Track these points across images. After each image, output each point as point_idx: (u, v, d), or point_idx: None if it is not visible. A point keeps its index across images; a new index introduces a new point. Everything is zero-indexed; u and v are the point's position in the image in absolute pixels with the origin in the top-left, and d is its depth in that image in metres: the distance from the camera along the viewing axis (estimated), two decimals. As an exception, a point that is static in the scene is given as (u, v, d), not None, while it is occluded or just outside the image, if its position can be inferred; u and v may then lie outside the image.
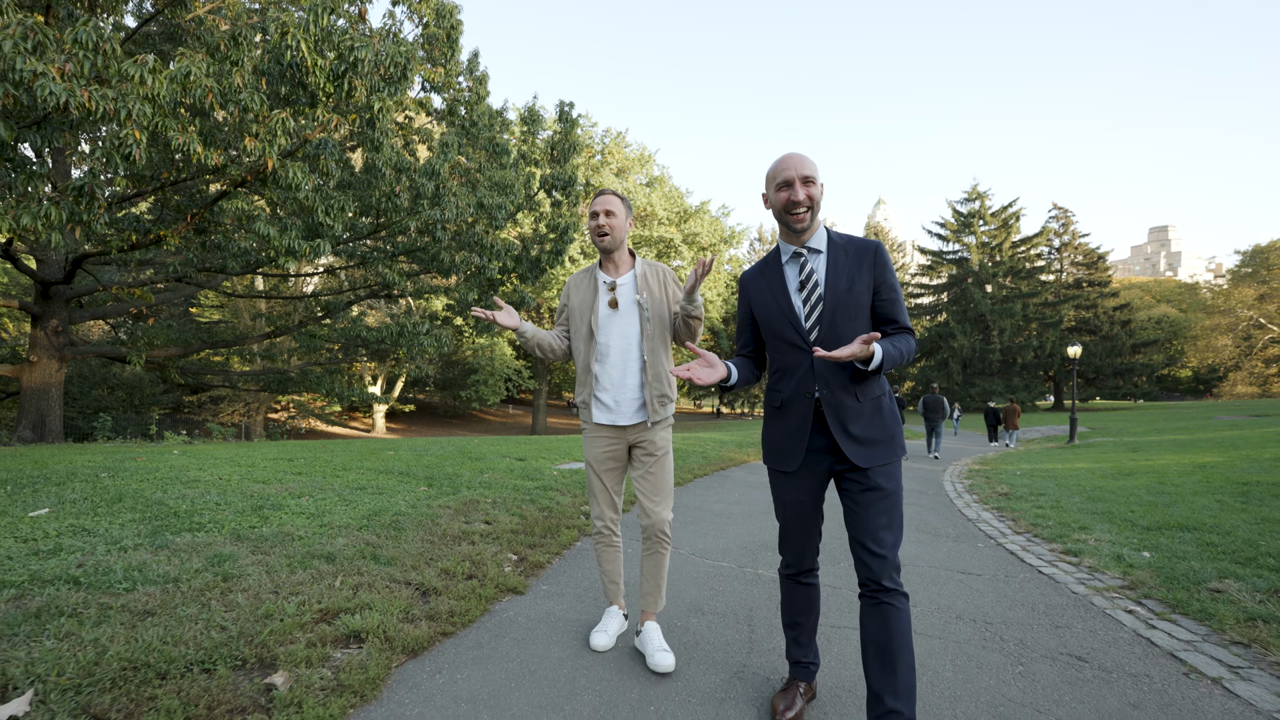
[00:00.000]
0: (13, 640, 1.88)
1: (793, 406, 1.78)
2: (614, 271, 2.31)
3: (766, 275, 1.86)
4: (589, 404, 2.30)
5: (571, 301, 2.37)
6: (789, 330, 1.77)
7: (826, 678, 2.15)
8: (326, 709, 1.71)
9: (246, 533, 3.22)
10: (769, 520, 4.81)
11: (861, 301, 1.73)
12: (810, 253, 1.79)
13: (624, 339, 2.25)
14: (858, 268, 1.74)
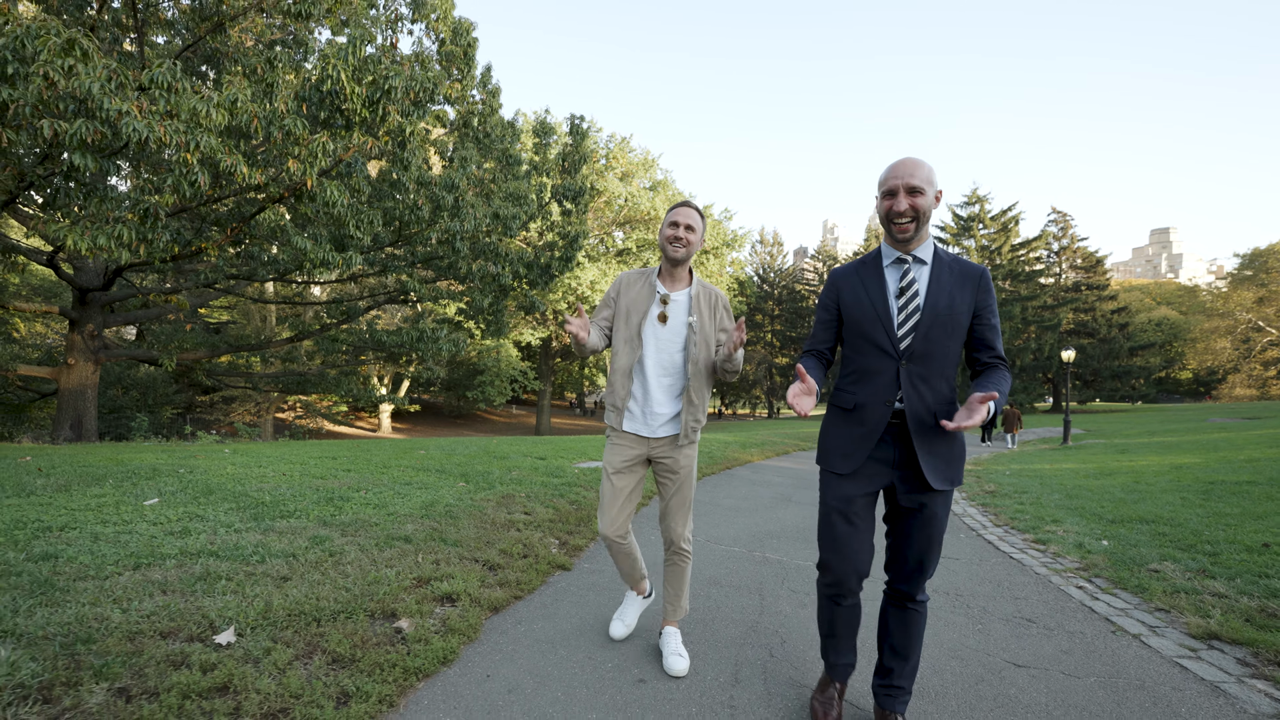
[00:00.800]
0: (194, 595, 2.44)
1: (867, 411, 1.75)
2: (671, 285, 2.28)
3: (863, 275, 1.81)
4: (620, 410, 2.28)
5: (621, 301, 2.30)
6: (880, 334, 1.73)
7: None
8: (446, 643, 2.27)
9: (330, 519, 3.78)
10: (773, 514, 5.36)
11: (960, 321, 1.71)
12: (915, 261, 1.75)
13: (666, 354, 2.23)
14: (960, 288, 1.72)
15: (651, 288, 2.27)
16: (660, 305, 2.24)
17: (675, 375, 2.24)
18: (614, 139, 36.82)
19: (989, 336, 1.75)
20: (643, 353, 2.24)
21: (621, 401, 2.27)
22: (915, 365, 1.71)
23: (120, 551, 2.86)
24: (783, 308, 53.68)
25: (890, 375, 1.72)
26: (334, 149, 8.09)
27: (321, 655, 2.07)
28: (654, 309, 2.24)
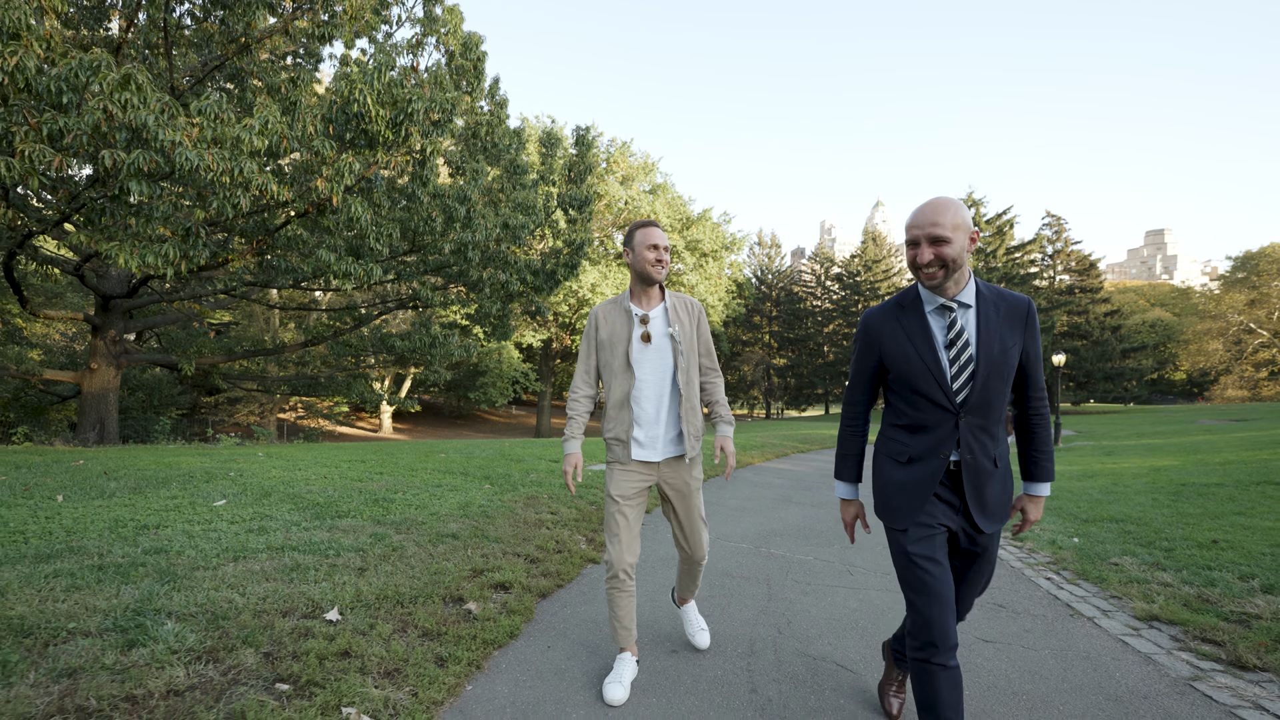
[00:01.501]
0: (293, 582, 2.89)
1: (922, 465, 1.69)
2: (645, 304, 2.29)
3: (905, 323, 1.70)
4: (625, 441, 2.26)
5: (600, 334, 2.30)
6: (934, 389, 1.64)
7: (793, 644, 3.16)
8: (510, 621, 2.72)
9: (381, 519, 4.24)
10: (775, 514, 5.83)
11: (1011, 364, 1.64)
12: (960, 307, 1.65)
13: (657, 373, 2.24)
14: (1010, 328, 1.64)
15: (627, 312, 2.28)
16: (641, 325, 2.24)
17: (669, 391, 2.25)
18: (615, 143, 37.30)
19: (1035, 372, 1.71)
20: (637, 379, 2.23)
21: (626, 433, 2.25)
22: (974, 417, 1.63)
23: (216, 546, 3.31)
24: (780, 309, 54.18)
25: (948, 428, 1.64)
26: (359, 168, 8.54)
27: (414, 629, 2.53)
28: (635, 331, 2.24)
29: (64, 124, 6.05)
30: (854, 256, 55.67)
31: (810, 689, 2.32)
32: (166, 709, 1.83)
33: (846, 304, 52.62)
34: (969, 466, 1.65)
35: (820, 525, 5.34)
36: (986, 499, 1.66)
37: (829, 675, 2.44)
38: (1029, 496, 1.78)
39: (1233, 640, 2.72)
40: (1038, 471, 1.76)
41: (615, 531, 2.25)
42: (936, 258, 1.56)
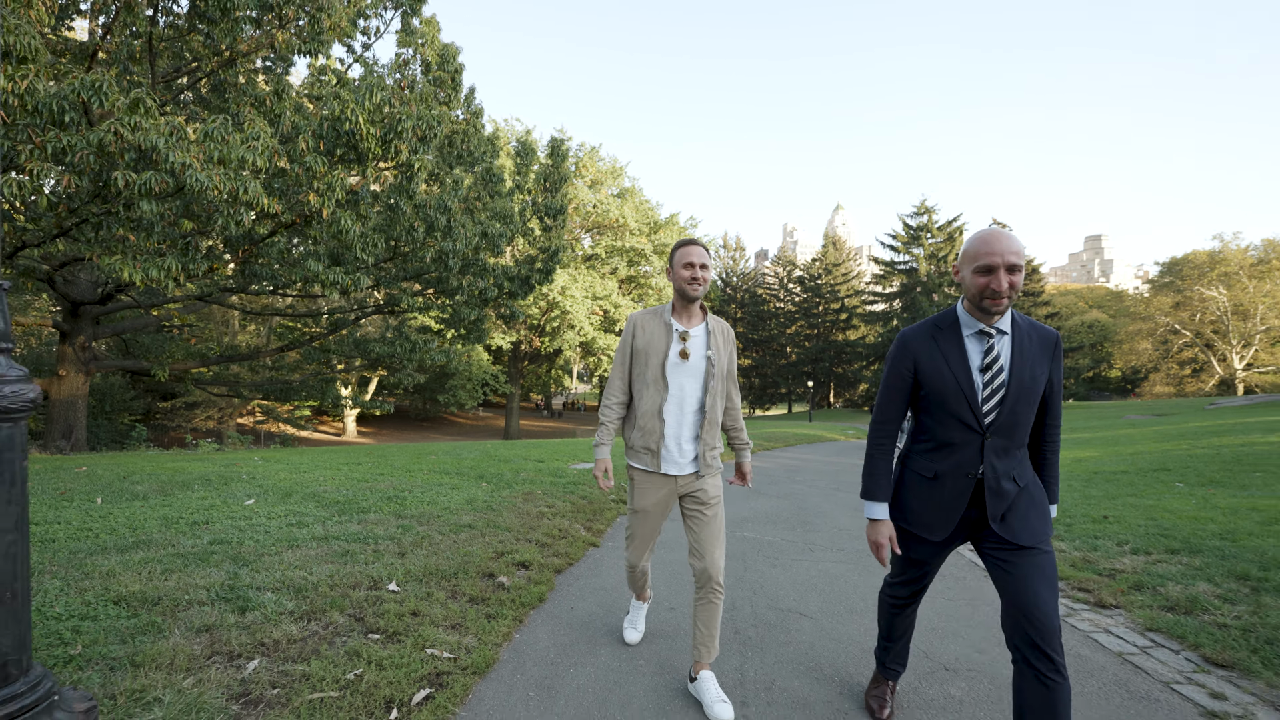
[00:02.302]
0: (348, 564, 3.40)
1: (948, 480, 1.76)
2: (687, 321, 2.33)
3: (943, 345, 1.77)
4: (655, 451, 2.30)
5: (637, 342, 2.35)
6: (964, 410, 1.72)
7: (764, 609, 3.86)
8: (537, 590, 3.32)
9: (401, 513, 4.74)
10: (746, 504, 6.53)
11: (1039, 391, 1.71)
12: (998, 334, 1.72)
13: (688, 390, 2.29)
14: (1040, 358, 1.71)
15: (668, 326, 2.32)
16: (680, 342, 2.28)
17: (697, 410, 2.30)
18: (583, 147, 37.78)
19: (1055, 402, 1.78)
20: (669, 392, 2.29)
21: (656, 443, 2.30)
22: (998, 439, 1.71)
23: (268, 538, 3.79)
24: (745, 310, 55.60)
25: (974, 449, 1.72)
26: (349, 182, 8.89)
27: (462, 596, 3.10)
28: (674, 346, 2.28)
29: (67, 142, 6.29)
30: (815, 260, 57.50)
31: (779, 630, 3.00)
32: (295, 650, 2.37)
33: (808, 306, 54.37)
34: (992, 487, 1.71)
35: (785, 513, 6.07)
36: (1009, 519, 1.70)
37: (794, 621, 3.13)
38: None
39: (1099, 588, 3.54)
40: (1050, 494, 1.86)
41: (635, 536, 2.46)
42: (1011, 286, 1.61)
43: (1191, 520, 4.83)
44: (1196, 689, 2.41)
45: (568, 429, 40.79)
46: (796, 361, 53.02)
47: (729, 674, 2.50)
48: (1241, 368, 55.08)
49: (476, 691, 2.27)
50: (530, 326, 36.09)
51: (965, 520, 1.79)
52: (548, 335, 36.28)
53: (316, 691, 2.08)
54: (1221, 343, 55.88)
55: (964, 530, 1.81)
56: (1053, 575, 1.66)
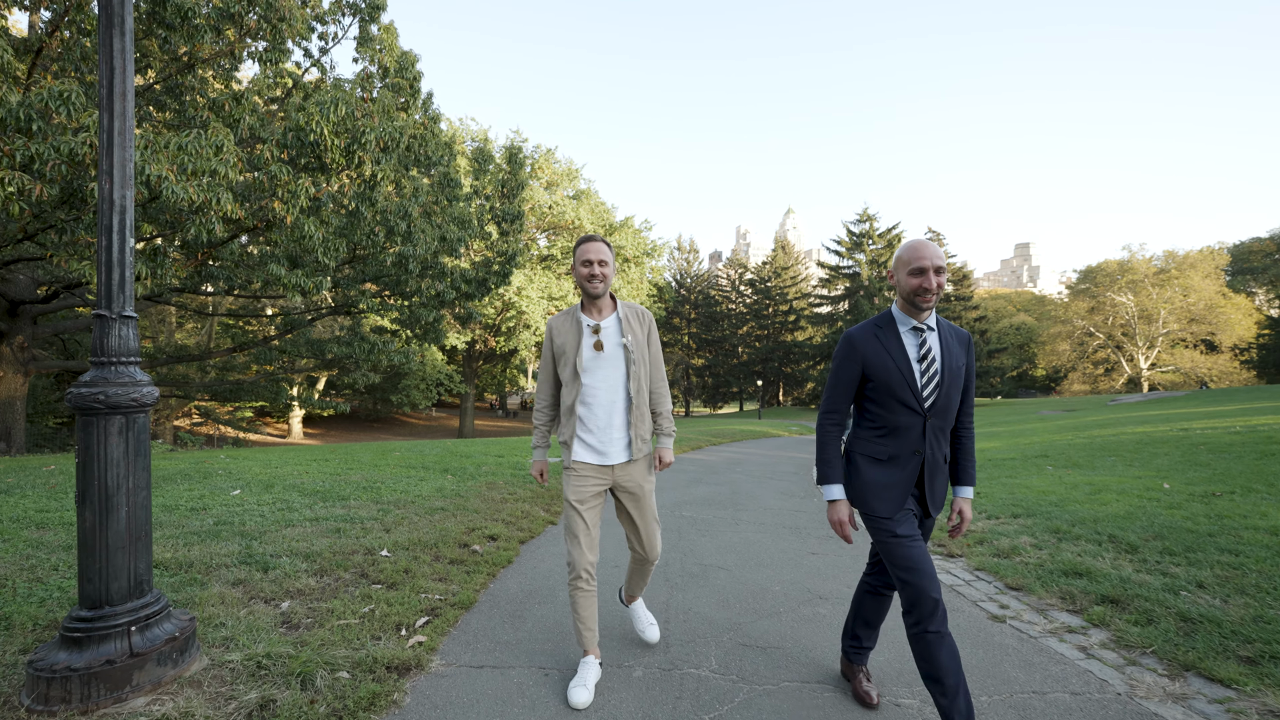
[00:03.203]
0: (342, 538, 4.00)
1: (902, 462, 1.98)
2: (597, 314, 2.38)
3: (885, 340, 2.01)
4: (581, 444, 2.37)
5: (555, 345, 2.42)
6: (909, 395, 1.95)
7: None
8: (506, 553, 4.01)
9: (378, 499, 5.32)
10: (687, 490, 7.36)
11: (961, 380, 2.01)
12: (928, 330, 1.99)
13: (610, 381, 2.34)
14: (959, 351, 2.02)
15: (579, 323, 2.37)
16: (593, 335, 2.34)
17: (621, 398, 2.36)
18: (539, 149, 38.09)
19: (970, 391, 2.08)
20: (585, 385, 2.34)
21: (572, 437, 2.37)
22: (936, 419, 1.98)
23: (265, 520, 4.34)
24: (699, 312, 57.00)
25: (918, 430, 1.96)
26: (313, 190, 9.25)
27: (444, 559, 3.77)
28: (587, 340, 2.34)
29: (35, 150, 6.50)
30: (765, 263, 59.47)
31: (700, 579, 3.80)
32: (317, 595, 3.00)
33: (759, 308, 56.24)
34: (929, 461, 1.98)
35: (720, 497, 6.92)
36: (936, 489, 2.01)
37: (713, 573, 3.94)
38: (962, 499, 2.10)
39: (950, 545, 4.51)
40: (964, 476, 2.11)
41: (575, 534, 2.36)
42: (939, 285, 1.91)
43: (1040, 493, 5.96)
44: (993, 604, 3.35)
45: (523, 428, 41.00)
46: (747, 361, 54.77)
47: (658, 606, 3.27)
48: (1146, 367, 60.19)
49: (463, 619, 2.97)
50: (486, 326, 36.16)
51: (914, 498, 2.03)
52: (503, 335, 36.42)
53: (341, 620, 2.73)
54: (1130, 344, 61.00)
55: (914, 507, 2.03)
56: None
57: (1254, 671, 2.35)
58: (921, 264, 1.91)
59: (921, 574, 1.90)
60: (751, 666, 2.56)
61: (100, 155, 2.08)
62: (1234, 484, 5.54)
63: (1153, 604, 3.00)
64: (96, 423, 1.97)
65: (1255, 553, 3.53)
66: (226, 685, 2.10)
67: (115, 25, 2.09)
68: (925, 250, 1.93)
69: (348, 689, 2.14)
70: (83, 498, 1.96)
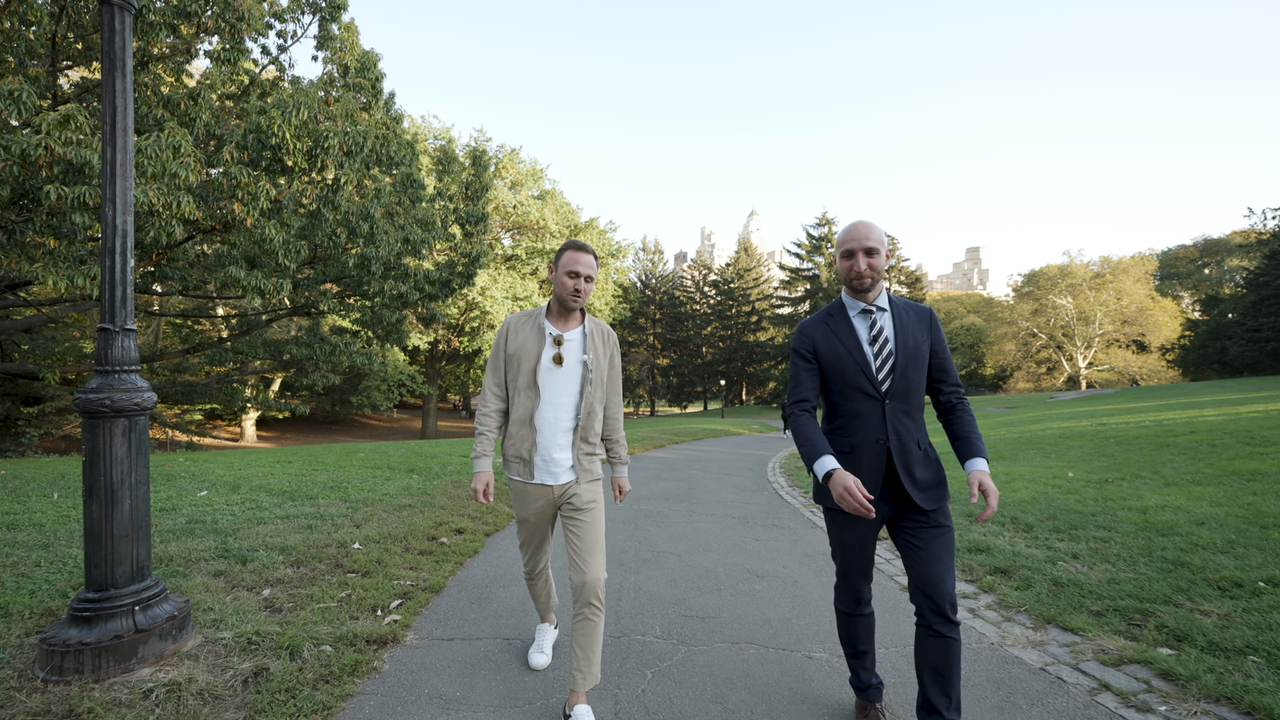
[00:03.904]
0: (314, 533, 4.21)
1: (864, 452, 1.88)
2: (563, 325, 2.24)
3: (834, 326, 1.96)
4: (526, 460, 2.21)
5: (510, 347, 2.25)
6: (863, 380, 1.88)
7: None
8: (473, 545, 4.30)
9: (346, 498, 5.51)
10: (648, 486, 7.74)
11: (924, 359, 1.90)
12: (878, 310, 1.93)
13: (563, 397, 2.19)
14: (919, 329, 1.93)
15: (541, 330, 2.21)
16: (554, 347, 2.19)
17: (573, 417, 2.21)
18: (504, 149, 37.97)
19: (947, 366, 1.95)
20: (541, 399, 2.18)
21: (529, 452, 2.20)
22: (897, 403, 1.88)
23: (236, 518, 4.50)
24: (664, 311, 57.62)
25: (878, 415, 1.87)
26: (273, 193, 9.26)
27: (414, 550, 4.04)
28: (547, 351, 2.18)
29: (-14, 151, 6.40)
30: (728, 265, 60.52)
31: (652, 563, 4.17)
32: (296, 582, 3.24)
33: (722, 308, 57.22)
34: (897, 449, 1.85)
35: (678, 492, 7.33)
36: (917, 477, 1.84)
37: (664, 557, 4.31)
38: (977, 474, 1.80)
39: (880, 528, 5.01)
40: (970, 449, 1.87)
41: (527, 544, 2.38)
42: (870, 267, 1.87)
43: (962, 483, 6.55)
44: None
45: (487, 429, 40.59)
46: (711, 361, 55.66)
47: (613, 588, 3.62)
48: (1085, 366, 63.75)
49: (434, 601, 3.26)
50: (449, 326, 35.83)
51: (881, 498, 1.88)
52: (467, 335, 36.16)
53: (321, 604, 2.99)
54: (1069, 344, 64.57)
55: (884, 510, 1.90)
56: (951, 551, 1.83)
57: (1098, 621, 2.87)
58: (849, 246, 1.89)
59: (857, 573, 2.03)
60: (691, 633, 2.94)
61: (104, 184, 2.31)
62: (1126, 471, 6.25)
63: (1033, 572, 3.52)
64: (103, 425, 2.20)
65: (1123, 529, 4.13)
66: (221, 658, 2.36)
67: (117, 68, 2.32)
68: (854, 232, 1.90)
69: (332, 658, 2.43)
70: (90, 492, 2.20)
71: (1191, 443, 7.68)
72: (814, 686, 2.41)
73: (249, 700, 2.09)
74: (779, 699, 2.31)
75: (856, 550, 1.98)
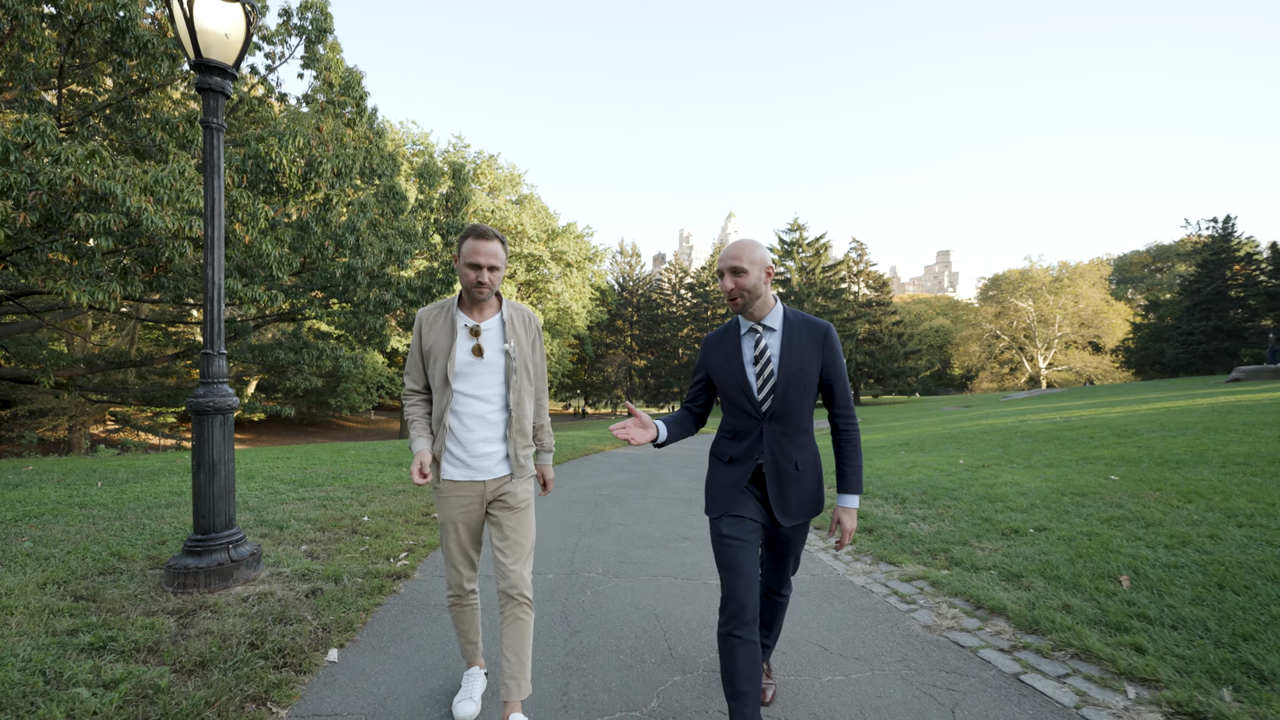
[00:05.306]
0: (330, 509, 5.17)
1: (743, 464, 1.97)
2: (478, 314, 2.14)
3: (725, 344, 2.02)
4: (450, 459, 2.11)
5: (425, 342, 2.16)
6: (743, 399, 1.94)
7: (621, 511, 6.15)
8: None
9: (349, 485, 6.46)
10: (611, 477, 8.79)
11: (810, 381, 1.93)
12: (765, 330, 1.94)
13: (487, 389, 2.10)
14: (811, 350, 1.93)
15: (453, 321, 2.12)
16: (471, 338, 2.10)
17: (500, 410, 2.13)
18: (481, 155, 38.74)
19: (836, 388, 1.98)
20: (456, 393, 2.09)
21: (441, 450, 2.12)
22: (776, 424, 1.92)
23: (260, 500, 5.45)
24: (641, 314, 58.78)
25: (757, 435, 1.93)
26: (271, 213, 10.11)
27: (413, 522, 5.03)
28: (463, 343, 2.10)
29: (14, 179, 7.19)
30: (703, 268, 61.94)
31: (604, 530, 5.23)
32: (325, 541, 4.23)
33: (698, 311, 58.57)
34: (770, 467, 1.92)
35: (637, 480, 8.40)
36: (787, 498, 1.92)
37: (614, 526, 5.37)
38: (840, 508, 1.95)
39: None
40: (843, 484, 1.98)
41: (450, 556, 2.20)
42: (736, 287, 1.90)
43: (877, 470, 7.76)
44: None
45: (466, 430, 41.18)
46: (688, 363, 56.93)
47: (568, 547, 4.66)
48: (1045, 367, 66.51)
49: (431, 554, 4.28)
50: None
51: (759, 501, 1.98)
52: (446, 338, 36.74)
53: (347, 554, 3.99)
54: (1030, 346, 67.32)
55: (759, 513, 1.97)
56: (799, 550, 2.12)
57: (913, 557, 4.02)
58: (719, 267, 1.94)
59: (737, 575, 1.87)
60: (624, 571, 4.01)
61: (205, 252, 3.29)
62: (1005, 458, 7.51)
63: (888, 530, 4.67)
64: (207, 419, 3.19)
65: (967, 499, 5.32)
66: (287, 582, 3.35)
67: (215, 172, 3.30)
68: (726, 252, 1.93)
69: (364, 584, 3.44)
70: (198, 466, 3.18)
71: (1075, 435, 9.00)
72: (703, 599, 3.49)
73: (313, 605, 3.10)
74: (675, 603, 3.39)
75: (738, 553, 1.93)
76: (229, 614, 2.83)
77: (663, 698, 2.34)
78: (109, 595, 2.95)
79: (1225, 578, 2.99)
